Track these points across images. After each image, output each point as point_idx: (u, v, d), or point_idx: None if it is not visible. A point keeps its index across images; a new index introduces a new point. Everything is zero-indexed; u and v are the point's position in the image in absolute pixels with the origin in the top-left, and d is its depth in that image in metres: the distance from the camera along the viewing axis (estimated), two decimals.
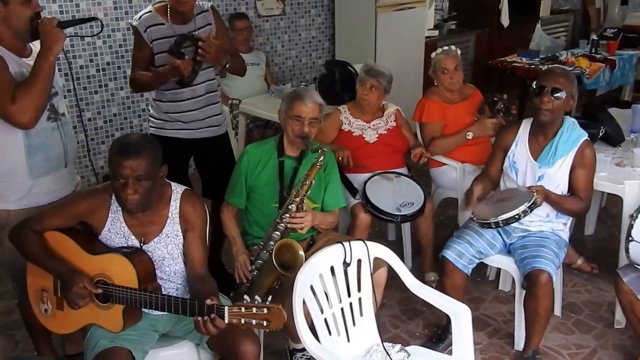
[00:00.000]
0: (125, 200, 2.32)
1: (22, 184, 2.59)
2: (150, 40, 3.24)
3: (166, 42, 3.23)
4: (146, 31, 3.23)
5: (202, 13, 3.34)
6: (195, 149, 3.50)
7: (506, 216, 2.85)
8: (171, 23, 3.26)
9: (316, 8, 6.35)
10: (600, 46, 6.21)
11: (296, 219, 2.84)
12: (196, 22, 3.31)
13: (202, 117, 3.44)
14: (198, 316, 2.17)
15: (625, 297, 2.85)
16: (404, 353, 2.47)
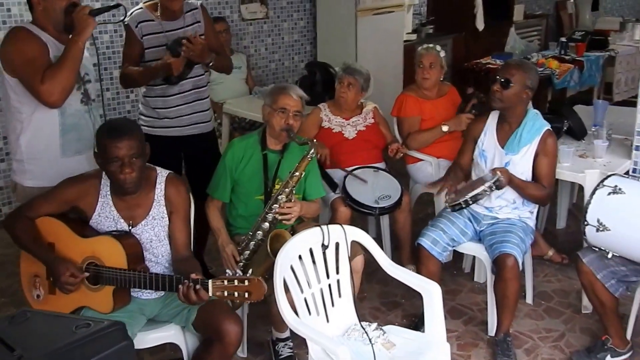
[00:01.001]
0: (124, 181, 2.44)
1: (54, 161, 2.77)
2: (140, 36, 3.35)
3: (155, 37, 3.35)
4: (137, 26, 3.34)
5: (191, 11, 3.46)
6: (185, 147, 3.57)
7: (473, 193, 3.02)
8: (161, 20, 3.37)
9: (298, 12, 6.49)
10: (569, 48, 6.42)
11: (286, 209, 2.95)
12: (185, 19, 3.42)
13: (189, 112, 3.51)
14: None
15: (585, 277, 2.97)
16: (380, 331, 2.60)
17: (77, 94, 2.80)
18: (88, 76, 2.86)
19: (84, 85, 2.83)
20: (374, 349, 2.48)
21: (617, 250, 2.83)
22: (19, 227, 2.50)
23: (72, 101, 2.76)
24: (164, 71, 3.29)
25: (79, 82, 2.80)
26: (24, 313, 1.60)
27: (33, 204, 2.56)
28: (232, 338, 2.44)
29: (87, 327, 1.51)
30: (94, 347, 1.45)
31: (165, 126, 3.50)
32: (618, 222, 2.75)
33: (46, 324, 1.60)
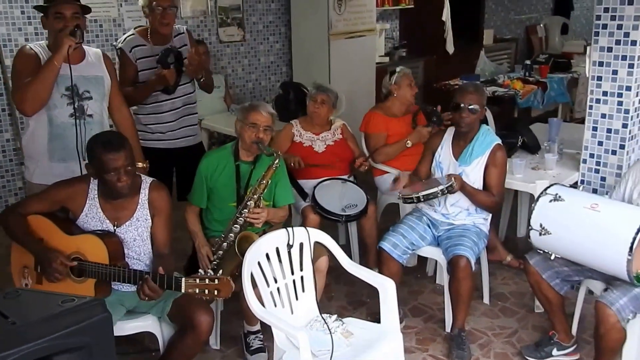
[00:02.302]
0: (121, 187, 2.69)
1: (44, 165, 3.10)
2: (135, 59, 3.67)
3: (148, 60, 3.68)
4: (131, 51, 3.67)
5: (178, 35, 3.81)
6: (176, 159, 3.87)
7: (426, 192, 3.29)
8: (152, 44, 3.70)
9: (274, 35, 6.81)
10: (534, 70, 6.75)
11: (254, 214, 3.20)
12: (174, 43, 3.76)
13: (179, 127, 3.84)
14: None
15: (532, 277, 3.23)
16: (339, 322, 2.84)
17: (66, 108, 3.06)
18: (89, 94, 3.12)
19: (80, 101, 3.09)
20: (333, 338, 2.71)
21: (558, 252, 3.08)
22: (12, 221, 2.75)
23: (60, 114, 3.05)
24: (160, 84, 3.62)
25: (73, 97, 3.06)
26: (15, 290, 1.83)
27: (26, 202, 2.83)
28: (204, 327, 2.68)
29: (71, 302, 1.74)
30: (78, 317, 1.67)
31: (157, 139, 3.81)
32: (558, 226, 2.99)
33: (36, 298, 1.82)
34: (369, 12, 6.81)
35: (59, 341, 1.61)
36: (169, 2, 3.61)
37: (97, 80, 3.17)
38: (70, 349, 1.64)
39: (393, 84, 4.40)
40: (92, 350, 1.68)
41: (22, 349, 1.55)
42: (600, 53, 3.52)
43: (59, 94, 3.03)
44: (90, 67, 3.17)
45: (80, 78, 3.09)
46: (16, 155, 5.22)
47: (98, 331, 1.70)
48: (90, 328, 1.68)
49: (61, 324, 1.64)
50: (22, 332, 1.60)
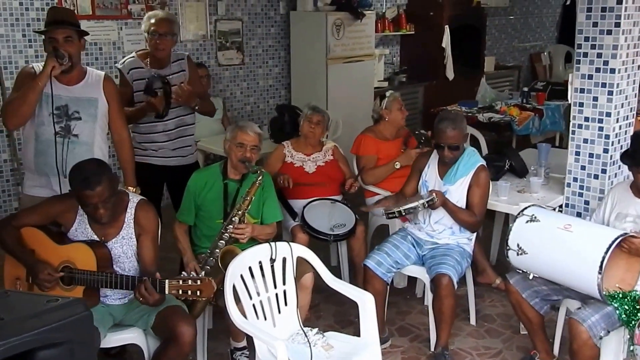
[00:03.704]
0: (99, 218, 2.87)
1: (31, 177, 3.32)
2: (131, 80, 3.93)
3: (144, 82, 3.89)
4: (129, 72, 3.94)
5: (178, 60, 4.04)
6: (168, 176, 4.08)
7: (407, 206, 3.47)
8: (149, 67, 3.94)
9: (273, 59, 7.05)
10: (531, 97, 6.94)
11: (238, 230, 3.38)
12: (172, 67, 4.00)
13: (172, 147, 4.06)
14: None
15: (513, 296, 3.37)
16: (320, 335, 2.99)
17: (53, 127, 3.23)
18: (78, 114, 3.29)
19: (67, 120, 3.27)
20: (312, 350, 2.86)
21: (535, 271, 3.23)
22: (5, 233, 2.93)
23: (45, 131, 3.24)
24: (150, 110, 3.85)
25: (62, 116, 3.25)
26: (5, 291, 2.01)
27: (19, 215, 3.02)
28: (187, 339, 2.82)
29: (55, 301, 1.92)
30: (60, 314, 1.84)
31: (150, 155, 4.03)
32: (534, 246, 3.15)
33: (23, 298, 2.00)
34: (368, 38, 7.06)
35: (42, 336, 1.78)
36: (166, 29, 3.86)
37: (90, 102, 3.32)
38: (54, 344, 1.82)
39: (384, 108, 4.59)
40: (73, 346, 1.85)
41: (9, 341, 1.72)
42: (581, 80, 3.71)
43: (47, 112, 3.21)
44: (87, 89, 3.33)
45: (73, 99, 3.27)
46: (13, 175, 5.38)
47: (79, 328, 1.87)
48: (72, 325, 1.85)
49: (45, 320, 1.82)
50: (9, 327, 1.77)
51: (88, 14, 5.57)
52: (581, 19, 3.65)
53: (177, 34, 3.99)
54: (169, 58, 3.98)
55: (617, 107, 3.64)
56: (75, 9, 5.46)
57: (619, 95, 3.62)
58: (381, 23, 7.77)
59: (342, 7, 6.77)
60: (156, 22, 3.86)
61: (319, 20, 6.65)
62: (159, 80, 3.83)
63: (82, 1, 5.53)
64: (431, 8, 8.08)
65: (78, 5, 5.51)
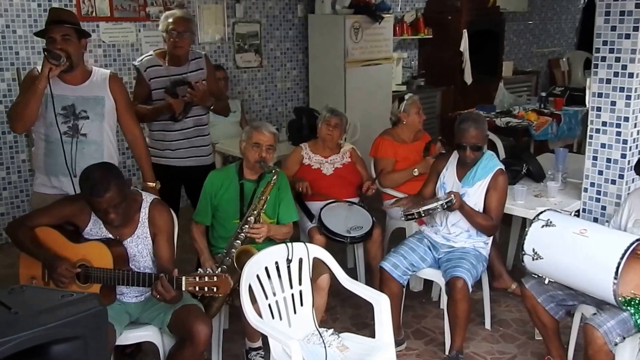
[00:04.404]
0: (110, 222, 2.87)
1: (42, 177, 3.32)
2: (148, 79, 3.92)
3: (162, 80, 3.90)
4: (146, 71, 3.93)
5: (196, 59, 4.04)
6: (185, 177, 4.07)
7: (426, 207, 3.44)
8: (167, 65, 3.95)
9: (291, 62, 7.05)
10: (549, 102, 6.87)
11: (254, 229, 3.37)
12: (189, 65, 4.00)
13: (188, 146, 4.05)
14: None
15: (528, 301, 3.34)
16: (335, 336, 2.97)
17: (60, 126, 3.22)
18: (85, 113, 3.28)
19: (75, 120, 3.26)
20: (328, 351, 2.84)
21: (551, 276, 3.19)
22: (20, 233, 2.93)
23: (54, 131, 3.23)
24: (166, 111, 3.84)
25: (69, 116, 3.25)
26: (21, 287, 2.00)
27: (33, 215, 3.01)
28: (202, 338, 2.82)
29: (70, 296, 1.91)
30: (75, 309, 1.83)
31: (167, 157, 4.02)
32: (549, 251, 3.11)
33: (38, 294, 1.99)
34: (386, 41, 7.04)
35: (55, 330, 1.78)
36: (184, 27, 3.86)
37: (97, 100, 3.30)
38: (67, 338, 1.81)
39: (402, 111, 4.57)
40: (86, 341, 1.84)
41: (22, 335, 1.71)
42: (599, 84, 3.66)
43: (54, 112, 3.21)
44: (92, 87, 3.31)
45: (80, 98, 3.26)
46: (31, 176, 5.30)
47: (93, 323, 1.86)
48: (86, 320, 1.84)
49: (59, 314, 1.81)
50: (23, 321, 1.77)
51: (106, 15, 5.62)
52: (599, 23, 3.60)
53: (194, 32, 4.01)
54: (186, 56, 3.98)
55: (635, 111, 3.58)
56: (93, 10, 5.52)
57: (637, 99, 3.57)
58: (399, 27, 7.76)
59: (360, 11, 6.75)
60: (174, 20, 3.87)
61: (337, 23, 6.64)
62: (184, 84, 3.83)
63: (101, 3, 5.57)
64: (449, 12, 8.04)
65: (96, 7, 5.55)
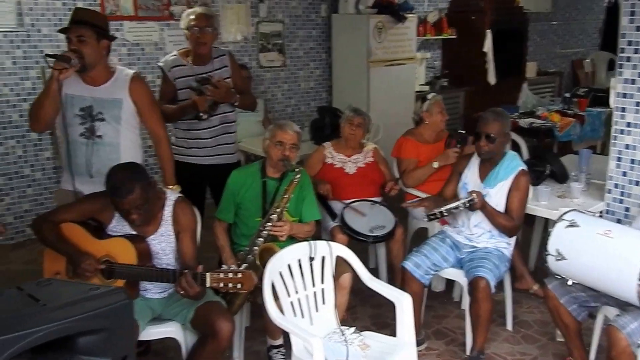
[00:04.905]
0: (132, 222, 2.90)
1: (66, 174, 3.34)
2: (173, 78, 3.94)
3: (186, 80, 3.91)
4: (170, 70, 3.95)
5: (219, 57, 4.04)
6: (210, 175, 4.08)
7: (448, 206, 3.43)
8: (192, 64, 3.96)
9: (315, 62, 7.07)
10: (573, 103, 6.80)
11: (277, 227, 3.38)
12: (214, 64, 4.00)
13: (214, 145, 4.06)
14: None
15: (550, 302, 3.31)
16: (357, 334, 2.97)
17: (78, 127, 3.26)
18: (101, 115, 3.27)
19: (92, 121, 3.27)
20: (349, 349, 2.84)
21: (574, 277, 3.15)
22: (45, 229, 2.96)
23: (73, 132, 3.26)
24: (192, 109, 3.84)
25: (86, 117, 3.26)
26: (48, 280, 2.03)
27: (57, 211, 3.05)
28: (225, 334, 2.83)
29: (97, 289, 1.94)
30: (101, 301, 1.86)
31: (193, 155, 4.04)
32: (573, 252, 3.07)
33: (65, 286, 2.02)
34: (409, 41, 7.02)
35: (82, 322, 1.80)
36: (206, 23, 3.87)
37: (114, 103, 3.27)
38: (93, 330, 1.83)
39: (424, 111, 4.55)
40: (112, 333, 1.87)
41: (50, 326, 1.74)
42: (624, 85, 3.62)
43: (72, 113, 3.23)
44: (111, 89, 3.29)
45: (98, 100, 3.25)
46: (55, 173, 5.46)
47: (119, 316, 1.88)
48: (112, 312, 1.87)
49: (85, 307, 1.83)
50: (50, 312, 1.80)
51: (130, 15, 5.67)
52: (624, 23, 3.56)
53: (217, 28, 3.99)
54: (210, 54, 3.98)
55: None
56: (117, 10, 5.58)
57: None
58: (423, 27, 7.75)
59: (383, 10, 6.74)
60: (195, 17, 3.88)
61: (360, 23, 6.64)
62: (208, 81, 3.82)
63: (125, 2, 5.62)
64: (473, 12, 8.02)
65: (121, 6, 5.61)
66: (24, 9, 5.21)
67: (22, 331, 1.68)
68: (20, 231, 5.45)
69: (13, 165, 5.38)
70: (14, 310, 1.77)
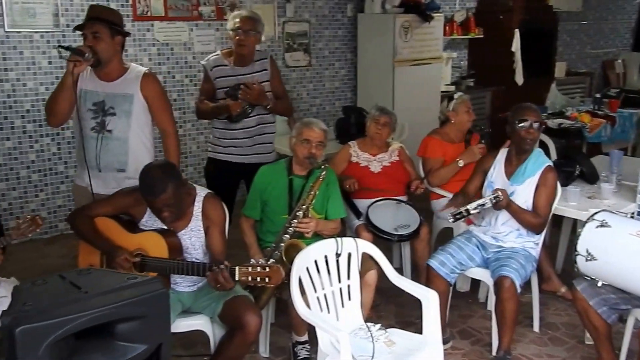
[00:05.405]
0: (163, 220, 3.02)
1: (79, 168, 3.51)
2: (214, 78, 4.11)
3: (227, 80, 4.08)
4: (212, 70, 4.12)
5: (261, 60, 4.19)
6: (246, 173, 4.16)
7: (473, 205, 3.49)
8: (233, 65, 4.11)
9: (340, 61, 7.17)
10: (603, 104, 6.82)
11: (302, 224, 3.49)
12: (254, 66, 4.15)
13: (251, 144, 4.21)
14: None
15: (580, 303, 3.32)
16: (383, 331, 3.05)
17: (90, 122, 3.38)
18: (113, 110, 3.38)
19: (103, 116, 3.38)
20: (375, 345, 2.92)
21: (604, 278, 3.17)
22: (80, 222, 3.11)
23: (85, 126, 3.38)
24: (225, 111, 4.01)
25: (99, 112, 3.38)
26: (87, 269, 2.15)
27: (92, 206, 3.18)
28: (253, 328, 2.94)
29: (135, 279, 2.05)
30: (139, 290, 1.97)
31: (229, 153, 4.20)
32: (604, 252, 3.08)
33: (105, 275, 2.15)
34: (436, 40, 7.10)
35: (121, 309, 1.92)
36: (249, 26, 4.02)
37: (125, 98, 3.38)
38: (131, 317, 1.95)
39: (451, 110, 4.63)
40: (149, 321, 1.98)
41: (93, 312, 1.86)
42: None
43: (85, 108, 3.35)
44: (123, 84, 3.40)
45: (110, 95, 3.37)
46: None
47: (156, 304, 2.00)
48: (149, 301, 1.98)
49: (124, 295, 1.95)
50: (92, 299, 1.92)
51: (161, 15, 5.84)
52: None
53: (260, 32, 4.11)
54: (251, 57, 4.13)
55: None
56: (149, 10, 5.74)
57: None
58: (449, 26, 7.81)
59: (410, 10, 6.83)
60: (241, 19, 4.03)
61: (386, 22, 6.73)
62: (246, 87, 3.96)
63: (155, 2, 5.78)
64: (501, 11, 8.06)
65: (151, 7, 5.78)
66: (61, 10, 5.40)
67: (67, 316, 1.79)
68: (54, 226, 5.67)
69: (48, 162, 5.59)
70: (59, 296, 1.89)
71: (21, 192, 5.50)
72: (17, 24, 5.23)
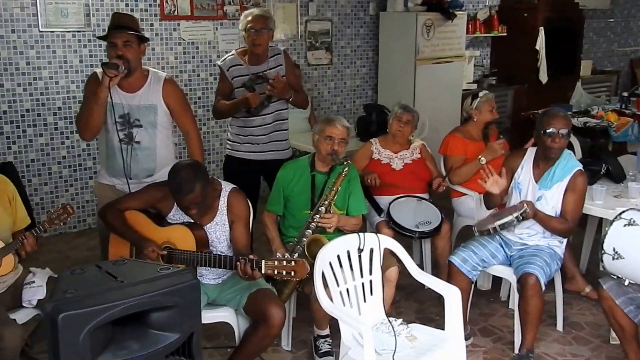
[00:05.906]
0: (191, 216, 3.17)
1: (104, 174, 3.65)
2: (231, 77, 4.22)
3: (243, 79, 4.18)
4: (228, 70, 4.23)
5: (275, 56, 4.29)
6: (264, 169, 4.33)
7: (501, 222, 3.55)
8: (248, 64, 4.22)
9: (361, 60, 7.29)
10: (631, 103, 6.85)
11: (325, 219, 3.60)
12: (269, 63, 4.26)
13: (267, 141, 4.31)
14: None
15: (605, 302, 3.36)
16: (404, 326, 3.15)
17: (118, 134, 3.47)
18: (138, 122, 3.48)
19: (130, 128, 3.50)
20: (397, 340, 3.02)
21: (632, 277, 3.20)
22: (111, 215, 3.26)
23: (112, 138, 3.50)
24: (243, 105, 4.11)
25: (125, 124, 3.49)
26: (122, 260, 2.28)
27: (122, 200, 3.33)
28: (276, 320, 3.05)
29: (167, 270, 2.18)
30: (171, 281, 2.09)
31: (246, 150, 4.32)
32: (631, 251, 3.12)
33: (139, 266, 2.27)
34: (458, 39, 7.18)
35: (156, 298, 2.04)
36: (262, 25, 4.12)
37: (149, 109, 3.49)
38: (165, 307, 2.07)
39: (474, 108, 4.70)
40: (181, 310, 2.10)
41: (129, 300, 1.98)
42: None
43: (112, 120, 3.45)
44: (146, 95, 3.50)
45: (134, 107, 3.47)
46: None
47: (188, 294, 2.12)
48: (181, 291, 2.10)
49: (158, 285, 2.08)
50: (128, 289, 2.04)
51: (187, 14, 6.02)
52: None
53: (272, 28, 4.22)
54: (266, 54, 4.23)
55: None
56: (175, 10, 5.92)
57: None
58: (472, 24, 7.88)
59: (432, 8, 6.92)
60: (252, 19, 4.13)
61: (409, 20, 6.83)
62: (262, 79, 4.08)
63: (182, 2, 5.97)
64: (525, 9, 8.10)
65: (178, 6, 5.97)
66: (92, 10, 5.59)
67: (105, 304, 1.92)
68: (82, 220, 5.90)
69: (78, 158, 5.80)
70: (97, 285, 2.01)
71: (52, 187, 5.72)
72: (50, 24, 5.45)
